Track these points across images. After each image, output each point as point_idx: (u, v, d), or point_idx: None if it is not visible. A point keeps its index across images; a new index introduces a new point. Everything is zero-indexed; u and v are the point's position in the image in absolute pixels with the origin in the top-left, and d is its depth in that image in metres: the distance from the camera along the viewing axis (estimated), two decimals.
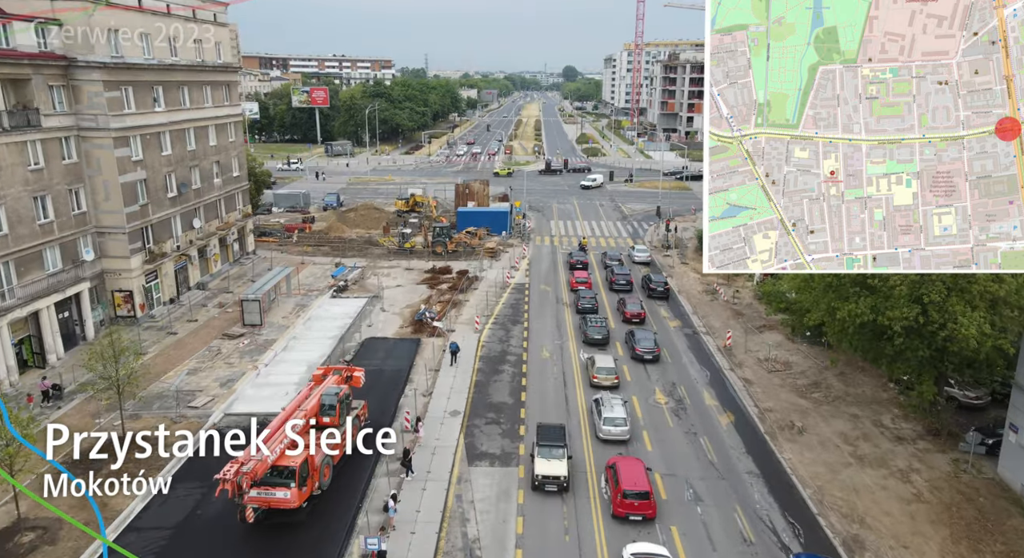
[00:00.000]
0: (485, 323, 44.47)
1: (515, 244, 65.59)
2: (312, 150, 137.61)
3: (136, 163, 42.18)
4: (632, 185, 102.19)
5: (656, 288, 50.94)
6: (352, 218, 74.41)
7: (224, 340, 40.70)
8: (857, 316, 24.29)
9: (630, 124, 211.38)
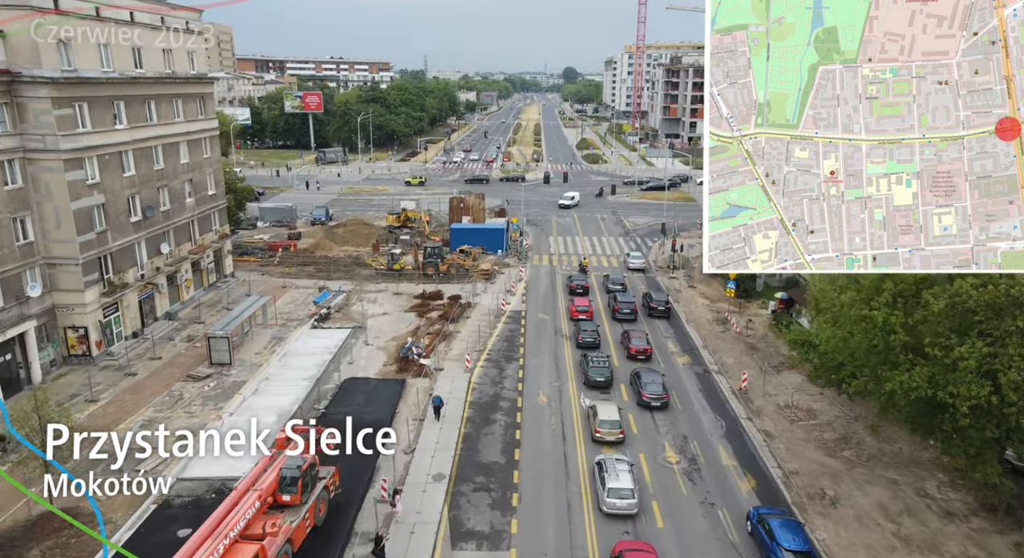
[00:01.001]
0: (477, 360, 40.64)
1: (512, 264, 61.77)
2: (304, 157, 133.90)
3: (92, 186, 38.38)
4: (635, 196, 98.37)
5: (657, 307, 48.96)
6: (340, 234, 70.64)
7: (188, 382, 36.88)
8: (912, 390, 20.50)
9: (631, 129, 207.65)
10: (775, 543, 23.03)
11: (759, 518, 24.53)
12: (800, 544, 22.76)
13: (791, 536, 23.02)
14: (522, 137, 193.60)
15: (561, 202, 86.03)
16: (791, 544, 22.65)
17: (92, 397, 34.35)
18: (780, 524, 23.65)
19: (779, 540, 22.96)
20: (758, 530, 24.34)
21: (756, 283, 51.77)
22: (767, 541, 23.51)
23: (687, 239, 71.36)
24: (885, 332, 21.12)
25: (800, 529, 23.93)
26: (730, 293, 47.75)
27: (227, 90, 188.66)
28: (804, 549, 22.67)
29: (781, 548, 22.66)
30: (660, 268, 60.81)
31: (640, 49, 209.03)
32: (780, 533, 23.18)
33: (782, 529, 23.37)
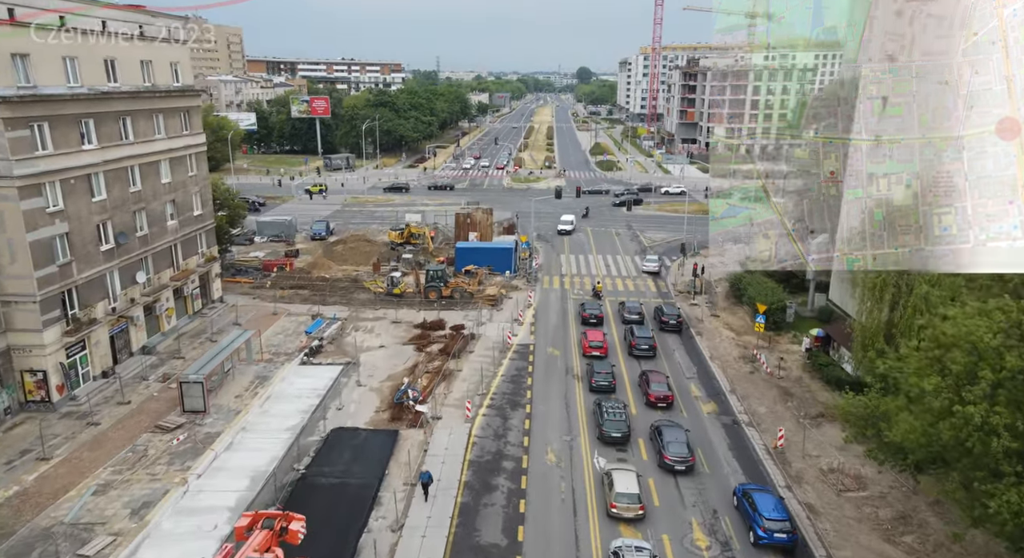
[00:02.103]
0: (479, 406, 36.53)
1: (520, 287, 57.61)
2: (309, 163, 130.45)
3: (53, 215, 34.70)
4: (652, 207, 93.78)
5: (668, 321, 48.43)
6: (340, 252, 66.79)
7: (156, 434, 33.06)
8: (1022, 513, 16.17)
9: (647, 132, 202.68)
10: (757, 513, 26.27)
11: (743, 493, 27.79)
12: (780, 514, 26.12)
13: (771, 507, 26.34)
14: (534, 141, 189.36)
15: (560, 228, 75.49)
16: (771, 514, 25.99)
17: (44, 454, 30.61)
18: (761, 497, 26.99)
19: (760, 510, 26.20)
20: (743, 504, 27.51)
21: (786, 313, 47.22)
22: (750, 512, 26.74)
23: (709, 258, 66.86)
24: (984, 433, 16.86)
25: (780, 502, 27.19)
26: (759, 328, 43.32)
27: (235, 93, 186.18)
28: (783, 518, 25.99)
29: (762, 517, 25.93)
30: (680, 293, 56.34)
31: (656, 50, 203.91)
32: (761, 504, 26.46)
33: (763, 501, 26.67)
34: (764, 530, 25.53)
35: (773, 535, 25.42)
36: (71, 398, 35.70)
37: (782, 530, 25.42)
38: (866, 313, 31.18)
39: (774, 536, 25.41)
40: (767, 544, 25.56)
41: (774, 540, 25.44)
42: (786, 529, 25.46)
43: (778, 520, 25.66)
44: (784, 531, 25.41)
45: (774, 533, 25.43)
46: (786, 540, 25.46)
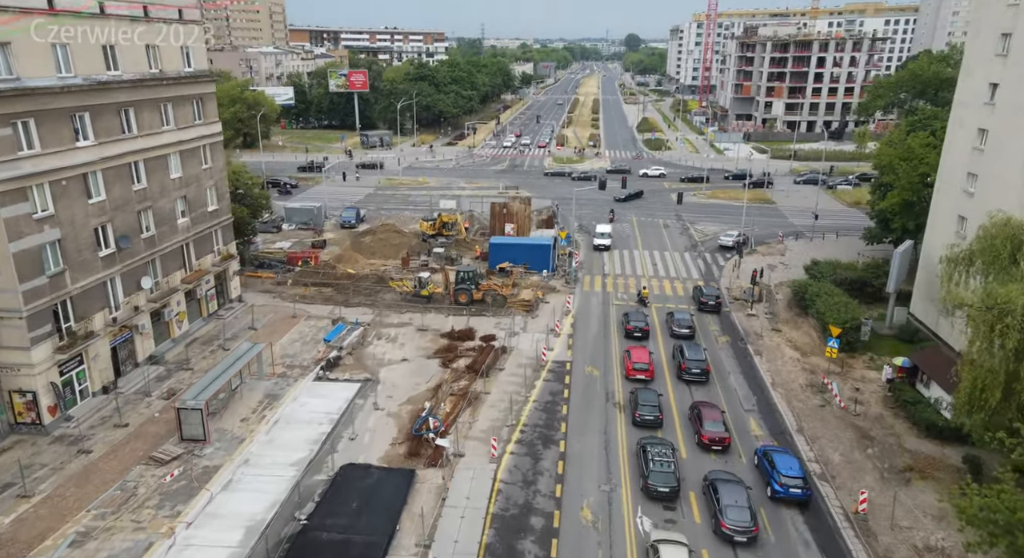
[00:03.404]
0: (507, 442, 32.41)
1: (558, 289, 52.97)
2: (346, 140, 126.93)
3: (42, 221, 31.50)
4: (704, 195, 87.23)
5: (707, 302, 48.67)
6: (368, 244, 63.11)
7: (149, 466, 30.00)
8: None
9: (698, 107, 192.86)
10: (775, 471, 28.62)
11: (764, 453, 30.12)
12: (797, 471, 28.52)
13: (788, 464, 28.80)
14: (579, 116, 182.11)
15: (596, 243, 63.02)
16: (788, 471, 28.41)
17: (26, 491, 27.82)
18: (780, 457, 29.36)
19: (778, 468, 28.60)
20: (762, 463, 29.82)
21: (861, 332, 41.48)
22: (768, 470, 29.06)
23: (767, 257, 60.91)
24: None
25: (797, 462, 29.38)
26: (831, 353, 37.87)
27: (275, 66, 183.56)
28: (799, 475, 28.35)
29: (780, 474, 28.33)
30: (736, 300, 50.82)
31: (711, 18, 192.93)
32: (779, 462, 28.90)
33: (780, 459, 29.13)
34: (780, 485, 28.19)
35: (789, 490, 28.05)
36: (65, 419, 32.97)
37: (796, 486, 28.07)
38: (978, 352, 25.62)
39: (789, 491, 28.04)
40: (783, 497, 28.11)
41: (790, 494, 28.03)
42: (800, 485, 28.07)
43: (794, 477, 28.22)
44: (798, 487, 28.05)
45: (789, 488, 28.03)
46: (800, 495, 28.02)
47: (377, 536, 26.05)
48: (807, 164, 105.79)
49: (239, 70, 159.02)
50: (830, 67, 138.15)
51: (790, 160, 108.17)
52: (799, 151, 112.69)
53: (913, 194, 47.73)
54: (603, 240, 62.98)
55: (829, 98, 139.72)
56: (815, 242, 65.65)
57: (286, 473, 29.83)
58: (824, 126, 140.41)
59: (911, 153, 49.05)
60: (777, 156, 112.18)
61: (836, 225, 70.30)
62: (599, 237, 63.35)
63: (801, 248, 63.70)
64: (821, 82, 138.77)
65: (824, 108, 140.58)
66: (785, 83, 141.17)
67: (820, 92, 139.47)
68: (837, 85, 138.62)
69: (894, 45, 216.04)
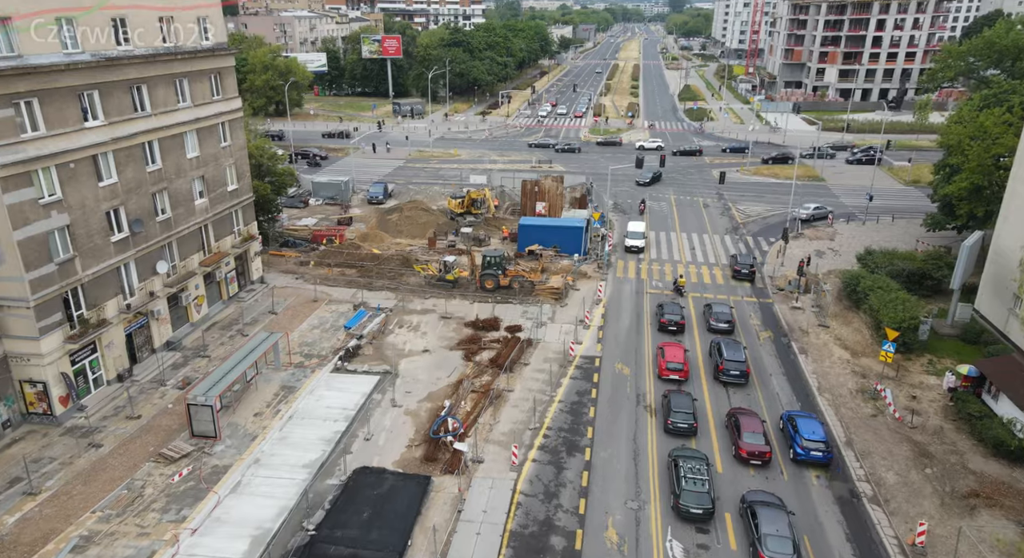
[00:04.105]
0: (529, 448, 30.56)
1: (590, 274, 50.47)
2: (377, 109, 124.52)
3: (48, 206, 30.23)
4: (748, 171, 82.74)
5: (741, 271, 49.41)
6: (395, 222, 61.27)
7: (158, 464, 29.03)
8: None
9: (745, 73, 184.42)
10: (798, 434, 29.74)
11: (789, 417, 31.22)
12: (820, 436, 29.54)
13: (811, 429, 29.85)
14: (618, 83, 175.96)
15: (629, 243, 55.07)
16: (811, 435, 29.48)
17: (32, 488, 27.10)
18: (803, 421, 30.40)
19: (801, 432, 29.71)
20: (787, 426, 31.05)
21: (919, 331, 38.16)
22: (792, 433, 30.23)
23: (815, 241, 57.20)
24: None
25: (821, 426, 30.30)
26: (887, 357, 34.82)
27: (309, 30, 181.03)
28: (821, 439, 29.37)
29: (803, 438, 29.43)
30: (779, 291, 47.64)
31: None
32: (802, 426, 30.00)
33: (804, 423, 30.21)
34: (802, 448, 29.34)
35: (810, 453, 29.23)
36: (78, 409, 32.20)
37: (818, 449, 29.21)
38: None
39: (811, 453, 29.20)
40: (804, 460, 29.31)
41: (811, 457, 29.19)
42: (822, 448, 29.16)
43: (816, 441, 29.29)
44: (820, 450, 29.17)
45: (811, 451, 29.22)
46: (821, 457, 29.12)
47: (387, 553, 24.58)
48: (861, 137, 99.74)
49: (273, 35, 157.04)
50: (890, 30, 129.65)
51: (842, 133, 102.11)
52: (852, 122, 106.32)
53: (984, 178, 43.61)
54: (636, 241, 55.18)
55: (888, 64, 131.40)
56: (868, 225, 61.50)
57: (297, 476, 28.55)
58: (880, 95, 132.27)
59: (983, 132, 44.71)
60: (828, 128, 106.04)
61: (892, 206, 65.75)
62: (631, 237, 55.71)
63: (853, 232, 59.74)
64: (880, 46, 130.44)
65: (881, 75, 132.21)
66: (840, 47, 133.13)
67: (878, 57, 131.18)
68: (897, 50, 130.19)
69: (960, 3, 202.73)
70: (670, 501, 26.96)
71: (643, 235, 55.84)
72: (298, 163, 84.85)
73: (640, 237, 55.52)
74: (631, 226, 57.46)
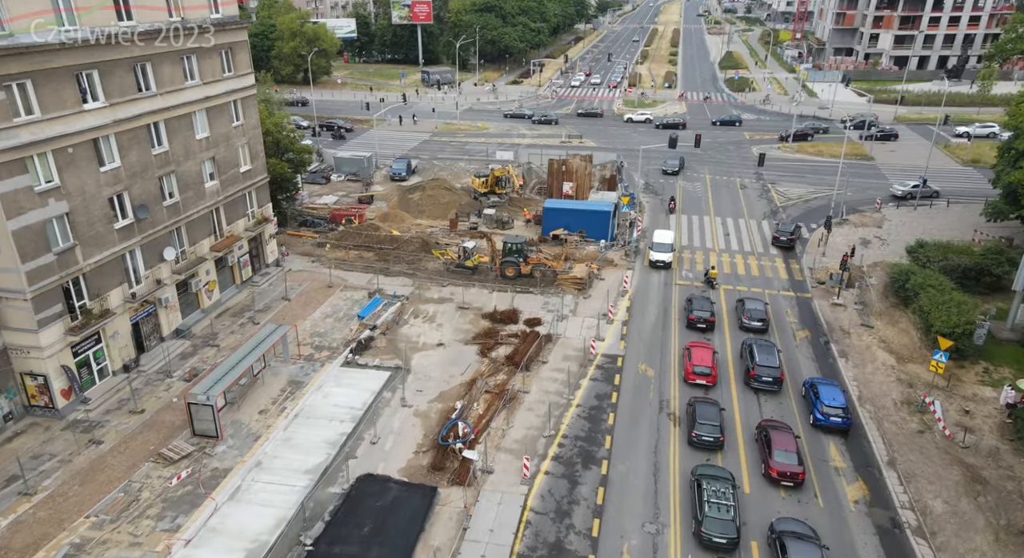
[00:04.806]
0: (542, 460, 28.80)
1: (616, 263, 47.97)
2: (405, 78, 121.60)
3: (45, 194, 28.95)
4: (790, 148, 78.24)
5: (780, 237, 49.56)
6: (416, 201, 59.35)
7: (157, 465, 28.09)
8: None
9: (792, 39, 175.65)
10: (819, 400, 30.63)
11: (811, 384, 31.94)
12: (840, 402, 30.37)
13: (832, 395, 30.70)
14: (656, 50, 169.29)
15: (652, 257, 46.54)
16: (831, 402, 30.37)
17: (28, 488, 26.38)
18: (825, 388, 31.25)
19: (822, 398, 30.61)
20: (808, 393, 31.81)
21: (975, 336, 35.01)
22: (813, 399, 31.09)
23: (860, 228, 53.55)
24: None
25: (842, 394, 30.99)
26: (938, 368, 31.94)
27: None
28: (841, 406, 30.21)
29: (823, 404, 30.37)
30: (820, 284, 44.56)
31: None
32: (823, 393, 30.89)
33: (825, 390, 31.09)
34: (822, 414, 30.35)
35: (829, 418, 30.18)
36: (81, 401, 31.43)
37: (837, 415, 30.16)
38: None
39: (830, 419, 30.16)
40: (823, 425, 30.36)
41: (830, 422, 30.17)
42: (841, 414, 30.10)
43: (835, 407, 30.23)
44: (839, 416, 30.13)
45: (830, 417, 30.16)
46: (840, 423, 30.09)
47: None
48: (917, 110, 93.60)
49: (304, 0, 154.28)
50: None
51: (895, 105, 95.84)
52: (906, 93, 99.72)
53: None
54: (662, 254, 46.34)
55: (949, 29, 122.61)
56: (920, 211, 57.39)
57: (298, 483, 27.33)
58: (939, 63, 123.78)
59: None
60: (880, 100, 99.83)
61: (948, 190, 61.25)
62: (657, 250, 46.76)
63: (903, 218, 55.82)
64: (941, 10, 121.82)
65: (941, 41, 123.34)
66: (897, 11, 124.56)
67: (938, 22, 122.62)
68: (960, 13, 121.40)
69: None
70: (691, 526, 25.01)
71: (671, 247, 47.26)
72: (322, 135, 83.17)
73: (667, 250, 46.76)
74: (657, 236, 48.64)
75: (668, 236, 48.44)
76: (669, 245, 47.25)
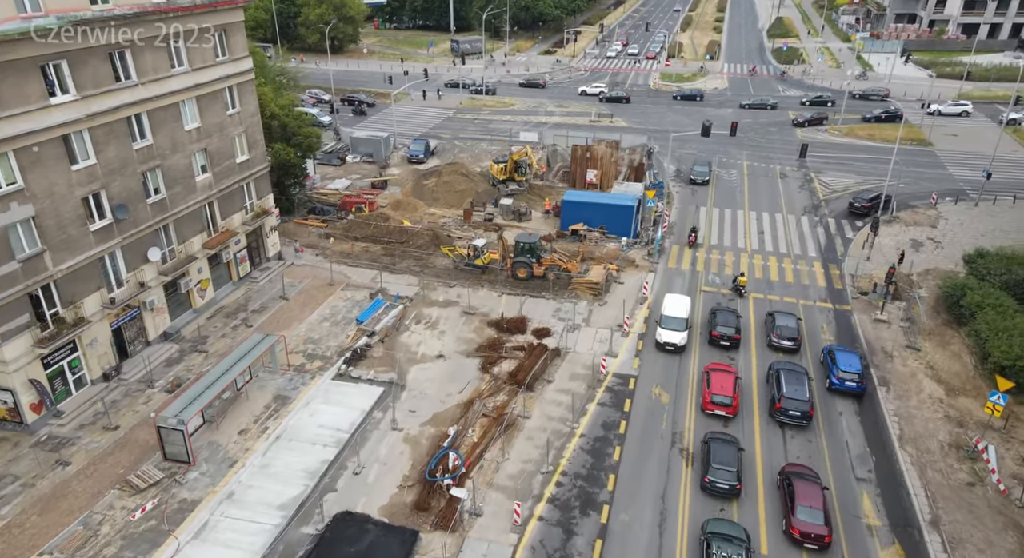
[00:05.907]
0: (536, 502, 26.11)
1: (638, 263, 44.40)
2: (433, 48, 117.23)
3: (7, 198, 26.82)
4: (838, 132, 72.30)
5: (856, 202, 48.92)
6: (431, 188, 56.31)
7: (123, 494, 26.29)
8: None
9: (848, 3, 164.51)
10: (835, 366, 32.04)
11: (829, 351, 33.35)
12: (856, 368, 31.77)
13: (848, 361, 32.14)
14: (700, 17, 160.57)
15: (661, 338, 34.80)
16: (847, 367, 31.76)
17: None
18: (843, 354, 32.68)
19: (838, 364, 32.04)
20: (826, 360, 33.18)
21: None
22: (830, 365, 32.50)
23: (912, 228, 48.68)
24: None
25: (859, 359, 32.55)
26: (995, 411, 28.02)
27: None
28: (856, 371, 31.63)
29: (839, 369, 31.76)
30: (862, 295, 40.33)
31: None
32: (840, 359, 32.34)
33: (842, 356, 32.56)
34: (837, 378, 31.45)
35: (844, 383, 31.33)
36: (55, 414, 29.83)
37: (852, 379, 31.29)
38: None
39: (845, 383, 31.32)
40: (838, 389, 31.48)
41: (845, 387, 31.33)
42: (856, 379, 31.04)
43: (851, 372, 31.38)
44: (854, 380, 31.21)
45: (845, 381, 31.31)
46: (855, 387, 31.24)
47: None
48: (986, 87, 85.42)
49: None
50: None
51: (960, 80, 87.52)
52: (973, 67, 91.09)
53: None
54: (672, 334, 34.55)
55: None
56: (982, 208, 51.93)
57: (270, 521, 25.23)
58: (1013, 31, 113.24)
59: None
60: (943, 75, 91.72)
61: (1015, 183, 55.40)
62: (667, 326, 34.94)
63: (962, 216, 50.57)
64: None
65: (1017, 6, 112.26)
66: None
67: None
68: None
69: None
70: None
71: (686, 322, 35.08)
72: (343, 111, 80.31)
73: (680, 327, 34.80)
74: (668, 307, 35.95)
75: (682, 307, 35.88)
76: (683, 321, 35.06)
